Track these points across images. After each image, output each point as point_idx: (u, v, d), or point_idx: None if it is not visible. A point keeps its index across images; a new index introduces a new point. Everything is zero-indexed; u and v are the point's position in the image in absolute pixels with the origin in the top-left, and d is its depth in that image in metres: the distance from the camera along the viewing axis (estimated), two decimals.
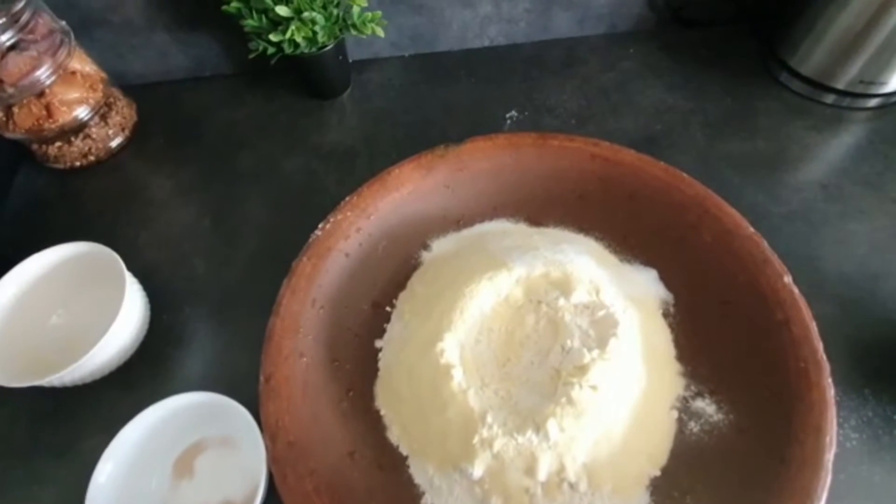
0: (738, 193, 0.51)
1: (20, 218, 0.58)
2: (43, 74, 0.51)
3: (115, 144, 0.61)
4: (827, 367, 0.37)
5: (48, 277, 0.47)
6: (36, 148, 0.59)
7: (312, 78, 0.63)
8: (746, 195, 0.52)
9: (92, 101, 0.57)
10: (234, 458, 0.41)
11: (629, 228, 0.48)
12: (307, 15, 0.52)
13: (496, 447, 0.36)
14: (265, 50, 0.55)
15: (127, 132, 0.62)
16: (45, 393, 0.43)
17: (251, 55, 0.56)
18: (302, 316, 0.43)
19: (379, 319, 0.46)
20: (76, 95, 0.56)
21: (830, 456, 0.34)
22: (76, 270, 0.47)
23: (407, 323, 0.44)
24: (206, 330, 0.49)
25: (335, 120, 0.63)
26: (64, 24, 0.55)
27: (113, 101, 0.61)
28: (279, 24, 0.53)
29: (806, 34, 0.57)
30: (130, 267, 0.45)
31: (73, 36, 0.55)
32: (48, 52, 0.52)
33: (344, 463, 0.39)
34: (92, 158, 0.60)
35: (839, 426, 0.40)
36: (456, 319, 0.40)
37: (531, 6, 0.64)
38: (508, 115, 0.61)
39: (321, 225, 0.46)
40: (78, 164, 0.59)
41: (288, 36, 0.53)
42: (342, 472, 0.38)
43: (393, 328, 0.45)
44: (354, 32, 0.57)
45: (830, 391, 0.36)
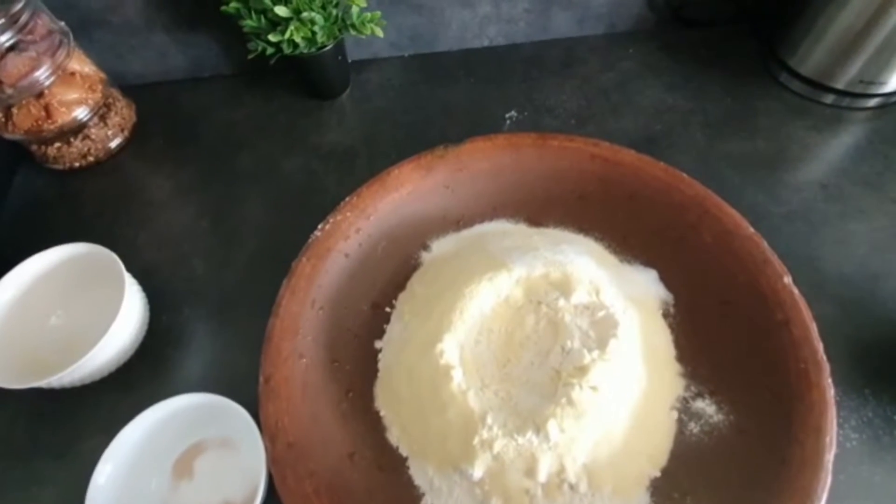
0: (738, 193, 0.51)
1: (19, 219, 0.58)
2: (42, 75, 0.51)
3: (114, 145, 0.61)
4: (827, 367, 0.37)
5: (47, 278, 0.46)
6: (35, 149, 0.58)
7: (312, 78, 0.63)
8: (746, 195, 0.52)
9: (91, 101, 0.57)
10: (233, 459, 0.41)
11: (629, 229, 0.48)
12: (306, 15, 0.52)
13: (496, 448, 0.36)
14: (264, 50, 0.55)
15: (126, 133, 0.62)
16: (44, 394, 0.42)
17: (250, 55, 0.56)
18: (301, 317, 0.43)
19: (378, 320, 0.46)
20: (75, 96, 0.56)
21: (830, 456, 0.34)
22: (75, 271, 0.47)
23: (407, 324, 0.44)
24: (205, 331, 0.49)
25: (334, 120, 0.63)
26: (63, 24, 0.55)
27: (112, 101, 0.61)
28: (278, 24, 0.53)
29: (806, 34, 0.57)
30: (130, 268, 0.45)
31: (72, 36, 0.55)
32: (47, 52, 0.52)
33: (344, 464, 0.39)
34: (91, 159, 0.60)
35: (839, 426, 0.40)
36: (456, 320, 0.40)
37: (530, 6, 0.64)
38: (508, 115, 0.61)
39: (321, 225, 0.46)
40: (77, 164, 0.59)
41: (287, 36, 0.52)
42: (342, 473, 0.38)
43: (392, 329, 0.45)
44: (353, 32, 0.57)
45: (830, 392, 0.36)
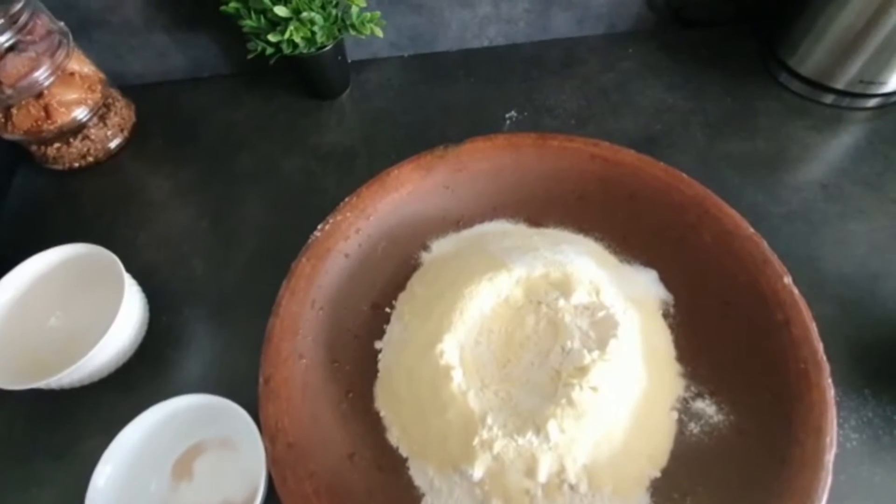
0: (737, 194, 0.51)
1: (19, 219, 0.57)
2: (41, 75, 0.51)
3: (113, 145, 0.61)
4: (827, 367, 0.37)
5: (47, 279, 0.46)
6: (35, 149, 0.58)
7: (311, 78, 0.63)
8: (746, 195, 0.52)
9: (90, 102, 0.57)
10: (233, 460, 0.41)
11: (629, 229, 0.48)
12: (306, 15, 0.52)
13: (496, 449, 0.36)
14: (264, 50, 0.55)
15: (126, 133, 0.62)
16: (43, 395, 0.42)
17: (250, 55, 0.56)
18: (301, 317, 0.43)
19: (378, 320, 0.46)
20: (75, 96, 0.56)
21: (831, 457, 0.34)
22: (75, 272, 0.47)
23: (406, 324, 0.44)
24: (205, 331, 0.49)
25: (334, 120, 0.63)
26: (62, 24, 0.55)
27: (111, 101, 0.61)
28: (278, 24, 0.53)
29: (805, 34, 0.57)
30: (129, 268, 0.45)
31: (71, 37, 0.55)
32: (46, 53, 0.52)
33: (344, 465, 0.39)
34: (91, 159, 0.60)
35: (839, 427, 0.40)
36: (456, 320, 0.40)
37: (530, 6, 0.64)
38: (508, 115, 0.61)
39: (320, 226, 0.46)
40: (77, 165, 0.59)
41: (286, 36, 0.52)
42: (342, 473, 0.38)
43: (392, 329, 0.45)
44: (353, 33, 0.57)
45: (830, 392, 0.36)
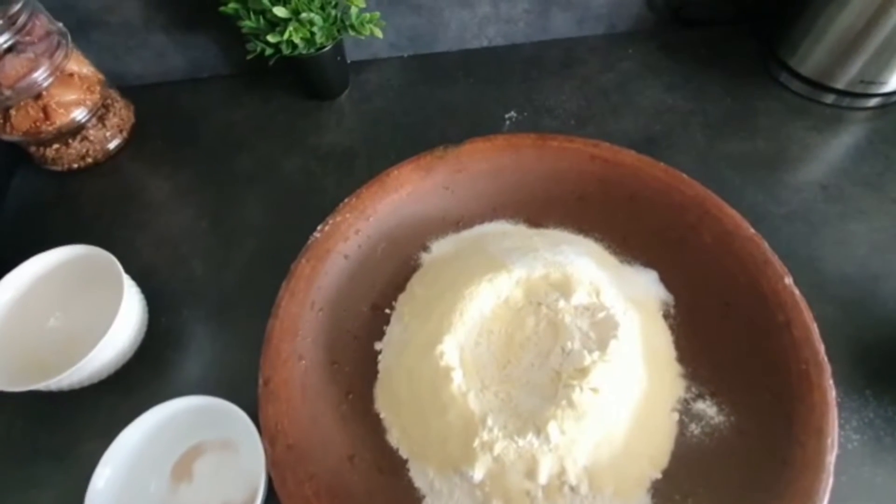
0: (738, 194, 0.51)
1: (18, 220, 0.57)
2: (40, 76, 0.51)
3: (112, 146, 0.61)
4: (828, 368, 0.37)
5: (46, 280, 0.46)
6: (33, 150, 0.58)
7: (311, 79, 0.63)
8: (746, 196, 0.52)
9: (89, 102, 0.57)
10: (233, 461, 0.41)
11: (629, 229, 0.48)
12: (305, 16, 0.52)
13: (497, 450, 0.35)
14: (263, 51, 0.55)
15: (125, 134, 0.62)
16: (42, 396, 0.42)
17: (249, 56, 0.56)
18: (301, 318, 0.43)
19: (378, 321, 0.46)
20: (73, 97, 0.55)
21: (832, 458, 0.34)
22: (74, 273, 0.47)
23: (406, 325, 0.44)
24: (204, 332, 0.48)
25: (333, 121, 0.62)
26: (61, 25, 0.54)
27: (110, 102, 0.60)
28: (277, 25, 0.53)
29: (806, 34, 0.57)
30: (128, 269, 0.44)
31: (70, 37, 0.55)
32: (45, 53, 0.52)
33: (343, 466, 0.39)
34: (90, 160, 0.59)
35: (840, 428, 0.40)
36: (456, 321, 0.40)
37: (530, 6, 0.64)
38: (507, 115, 0.61)
39: (320, 227, 0.46)
40: (76, 166, 0.59)
41: (286, 37, 0.52)
42: (342, 475, 0.38)
43: (392, 330, 0.45)
44: (353, 33, 0.57)
45: (832, 393, 0.36)
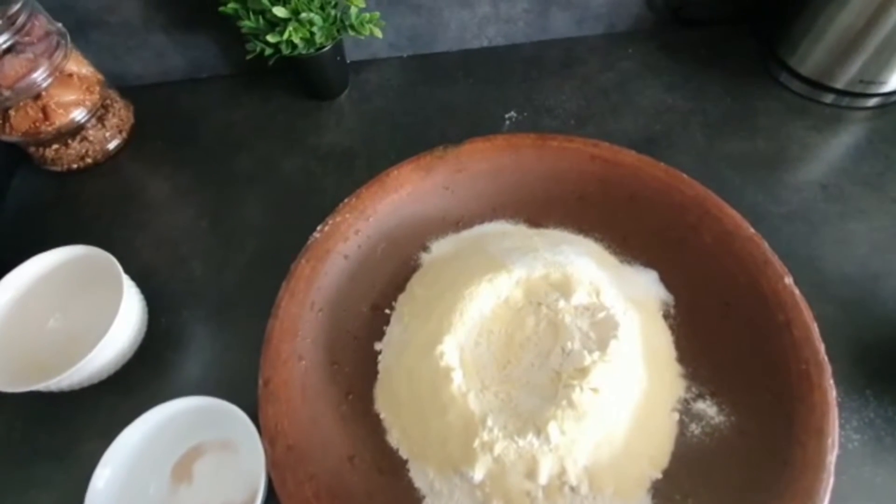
0: (738, 194, 0.51)
1: (17, 221, 0.57)
2: (39, 77, 0.51)
3: (112, 146, 0.61)
4: (829, 368, 0.37)
5: (45, 281, 0.46)
6: (33, 150, 0.58)
7: (310, 79, 0.63)
8: (746, 195, 0.52)
9: (89, 103, 0.57)
10: (232, 462, 0.41)
11: (629, 229, 0.48)
12: (305, 16, 0.52)
13: (497, 450, 0.35)
14: (262, 51, 0.55)
15: (124, 134, 0.62)
16: (42, 397, 0.42)
17: (248, 56, 0.56)
18: (301, 319, 0.43)
19: (378, 322, 0.46)
20: (73, 98, 0.55)
21: (832, 458, 0.34)
22: (73, 274, 0.47)
23: (406, 325, 0.44)
24: (204, 333, 0.48)
25: (333, 121, 0.62)
26: (60, 25, 0.54)
27: (110, 103, 0.60)
28: (276, 25, 0.53)
29: (805, 33, 0.57)
30: (128, 270, 0.44)
31: (69, 38, 0.55)
32: (44, 54, 0.51)
33: (343, 467, 0.39)
34: (89, 161, 0.59)
35: (841, 428, 0.39)
36: (455, 322, 0.40)
37: (529, 6, 0.64)
38: (507, 115, 0.61)
39: (319, 227, 0.46)
40: (75, 166, 0.59)
41: (285, 37, 0.52)
42: (342, 476, 0.38)
43: (392, 331, 0.45)
44: (352, 33, 0.57)
45: (832, 393, 0.36)
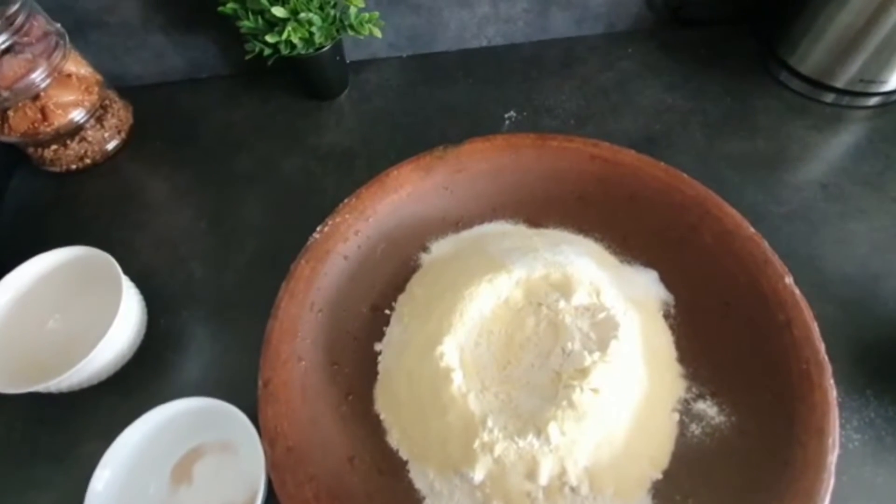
0: (738, 193, 0.51)
1: (16, 222, 0.57)
2: (38, 77, 0.51)
3: (111, 147, 0.61)
4: (829, 368, 0.37)
5: (44, 282, 0.46)
6: (31, 151, 0.58)
7: (310, 79, 0.62)
8: (746, 195, 0.52)
9: (87, 103, 0.57)
10: (232, 463, 0.41)
11: (629, 229, 0.48)
12: (304, 16, 0.52)
13: (497, 451, 0.35)
14: (262, 51, 0.55)
15: (123, 134, 0.62)
16: (42, 398, 0.42)
17: (248, 56, 0.56)
18: (300, 319, 0.43)
19: (378, 322, 0.46)
20: (72, 98, 0.55)
21: (833, 458, 0.34)
22: (73, 275, 0.47)
23: (406, 326, 0.44)
24: (204, 333, 0.48)
25: (333, 121, 0.62)
26: (59, 26, 0.54)
27: (109, 103, 0.60)
28: (275, 25, 0.53)
29: (805, 33, 0.57)
30: (127, 270, 0.44)
31: (68, 38, 0.54)
32: (43, 54, 0.51)
33: (343, 468, 0.39)
34: (88, 161, 0.59)
35: (841, 427, 0.39)
36: (455, 322, 0.40)
37: (529, 6, 0.63)
38: (507, 115, 0.61)
39: (319, 227, 0.46)
40: (74, 167, 0.59)
41: (284, 37, 0.52)
42: (342, 477, 0.38)
43: (392, 331, 0.45)
44: (352, 33, 0.57)
45: (833, 393, 0.36)
